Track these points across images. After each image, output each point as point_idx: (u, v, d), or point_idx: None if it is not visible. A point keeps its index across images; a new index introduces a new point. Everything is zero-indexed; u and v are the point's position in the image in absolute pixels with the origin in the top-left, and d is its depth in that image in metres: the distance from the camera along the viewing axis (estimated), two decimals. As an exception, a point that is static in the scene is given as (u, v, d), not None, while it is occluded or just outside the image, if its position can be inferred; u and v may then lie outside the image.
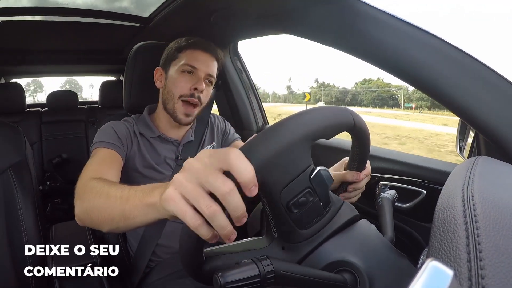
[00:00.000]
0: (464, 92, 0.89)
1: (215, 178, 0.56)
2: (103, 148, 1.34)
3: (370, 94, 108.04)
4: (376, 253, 0.74)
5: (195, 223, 0.58)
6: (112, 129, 1.43)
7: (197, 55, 1.47)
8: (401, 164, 1.36)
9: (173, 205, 0.60)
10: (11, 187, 1.46)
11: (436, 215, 0.57)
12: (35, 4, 2.01)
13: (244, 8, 1.52)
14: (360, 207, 1.42)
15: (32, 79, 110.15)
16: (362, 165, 1.00)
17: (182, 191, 0.59)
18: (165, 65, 1.54)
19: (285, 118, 0.69)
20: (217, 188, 0.56)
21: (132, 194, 0.82)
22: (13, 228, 1.43)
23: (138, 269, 1.47)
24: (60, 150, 3.52)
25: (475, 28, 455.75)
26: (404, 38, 0.93)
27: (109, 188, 0.94)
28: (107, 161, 1.29)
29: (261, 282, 0.58)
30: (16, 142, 1.56)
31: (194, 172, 0.59)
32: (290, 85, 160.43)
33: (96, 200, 0.95)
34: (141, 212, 0.77)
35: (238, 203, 0.57)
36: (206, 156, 0.59)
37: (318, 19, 1.14)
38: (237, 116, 2.38)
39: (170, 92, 1.48)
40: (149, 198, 0.74)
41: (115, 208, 0.86)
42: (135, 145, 1.48)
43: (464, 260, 0.42)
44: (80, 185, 1.11)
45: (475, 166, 0.72)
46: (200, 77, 1.46)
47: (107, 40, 2.95)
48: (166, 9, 1.91)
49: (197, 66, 1.45)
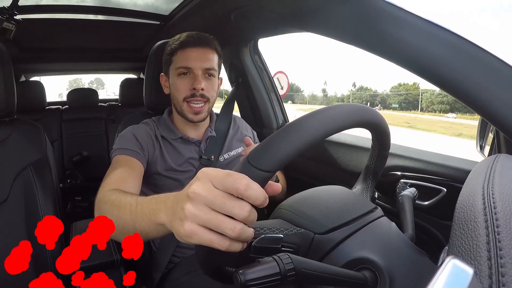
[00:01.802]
0: (485, 90, 0.88)
1: (231, 206, 0.56)
2: (122, 155, 1.36)
3: (397, 97, 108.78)
4: (396, 251, 0.74)
5: (225, 245, 0.57)
6: (132, 134, 1.44)
7: (188, 54, 1.47)
8: (421, 162, 1.36)
9: (197, 239, 0.58)
10: (31, 185, 1.48)
11: (456, 213, 0.57)
12: (56, 2, 2.03)
13: (264, 6, 1.52)
14: (381, 204, 1.42)
15: (94, 77, 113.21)
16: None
17: (200, 222, 0.57)
18: (166, 71, 1.56)
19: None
20: (237, 215, 0.56)
21: (140, 212, 0.82)
22: (33, 225, 1.44)
23: (161, 265, 1.47)
24: (80, 147, 3.53)
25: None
26: (424, 36, 0.93)
27: (119, 204, 0.95)
28: (127, 169, 1.30)
29: (281, 279, 0.58)
30: (36, 140, 1.58)
31: (206, 202, 0.57)
32: (325, 88, 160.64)
33: (110, 215, 0.92)
34: (152, 230, 0.78)
35: (255, 216, 0.58)
36: (213, 183, 0.58)
37: (338, 18, 1.14)
38: (257, 113, 2.38)
39: (174, 97, 1.51)
40: (156, 218, 0.74)
41: (128, 224, 0.87)
42: (158, 150, 1.48)
43: (485, 258, 0.42)
44: (99, 197, 1.12)
45: (495, 164, 0.71)
46: (197, 75, 1.46)
47: (128, 38, 2.96)
48: (186, 7, 1.91)
49: (191, 65, 1.45)
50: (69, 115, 3.69)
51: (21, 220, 1.45)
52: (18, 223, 1.44)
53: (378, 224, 0.80)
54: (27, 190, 1.48)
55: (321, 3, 1.18)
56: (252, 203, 0.56)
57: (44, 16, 2.20)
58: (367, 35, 1.06)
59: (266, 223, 0.77)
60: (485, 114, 0.91)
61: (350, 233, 0.75)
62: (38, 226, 0.66)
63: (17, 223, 1.44)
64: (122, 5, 2.18)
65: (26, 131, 1.58)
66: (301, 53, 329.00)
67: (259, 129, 2.32)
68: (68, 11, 2.16)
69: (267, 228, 0.72)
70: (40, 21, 2.27)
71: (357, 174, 1.04)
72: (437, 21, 0.91)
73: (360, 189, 0.99)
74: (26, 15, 2.03)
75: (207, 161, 1.54)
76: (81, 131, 3.66)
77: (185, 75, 1.46)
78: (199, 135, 1.60)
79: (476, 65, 0.89)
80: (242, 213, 0.55)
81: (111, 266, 1.42)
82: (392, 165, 1.43)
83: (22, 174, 1.48)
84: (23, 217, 1.45)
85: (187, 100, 1.47)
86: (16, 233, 1.44)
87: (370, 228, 0.78)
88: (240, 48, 2.23)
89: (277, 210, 0.85)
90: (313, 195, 0.88)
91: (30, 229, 1.45)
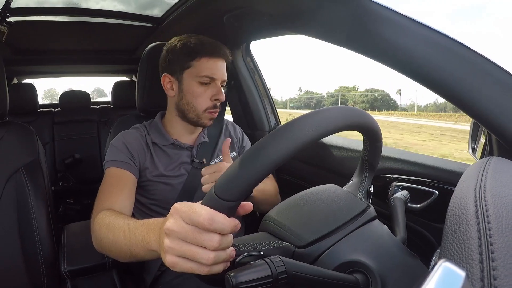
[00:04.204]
0: (477, 93, 0.88)
1: (201, 240, 0.63)
2: (115, 168, 1.37)
3: (330, 99, 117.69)
4: (388, 254, 0.74)
5: (205, 271, 0.64)
6: (123, 144, 1.43)
7: (214, 64, 1.41)
8: (413, 164, 1.36)
9: (179, 268, 0.65)
10: (23, 187, 1.47)
11: (448, 216, 0.56)
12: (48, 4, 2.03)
13: (257, 9, 1.52)
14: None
15: (94, 87, 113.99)
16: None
17: (178, 254, 0.65)
18: (175, 72, 1.45)
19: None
20: (208, 247, 0.62)
21: (133, 238, 0.91)
22: (25, 228, 1.44)
23: (153, 267, 1.47)
24: (72, 150, 3.53)
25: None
26: (417, 39, 0.93)
27: (113, 229, 1.02)
28: (119, 185, 1.32)
29: (273, 282, 0.58)
30: (28, 142, 1.57)
31: (180, 236, 0.64)
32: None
33: (107, 239, 1.04)
34: (147, 255, 0.87)
35: (229, 242, 0.65)
36: (183, 219, 0.64)
37: (331, 20, 1.14)
38: (250, 116, 2.37)
39: (191, 104, 1.44)
40: (149, 245, 0.83)
41: (124, 248, 0.95)
42: (148, 157, 1.47)
43: (477, 261, 0.42)
44: (94, 218, 1.17)
45: (487, 166, 0.71)
46: (219, 87, 1.44)
47: (120, 40, 2.96)
48: (179, 10, 1.92)
49: (216, 77, 1.42)
50: (61, 118, 3.68)
51: (13, 222, 1.44)
52: (10, 225, 1.44)
53: (370, 227, 0.80)
54: (19, 192, 1.47)
55: (313, 6, 1.18)
56: (221, 233, 0.63)
57: (37, 18, 2.20)
58: (360, 38, 1.06)
59: (250, 238, 0.77)
60: (477, 116, 0.91)
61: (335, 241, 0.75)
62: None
63: (9, 226, 1.44)
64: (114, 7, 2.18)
65: (18, 134, 1.57)
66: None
67: (252, 131, 2.33)
68: (61, 13, 2.16)
69: (249, 244, 0.73)
70: (32, 23, 2.26)
71: (350, 176, 1.04)
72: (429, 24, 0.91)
73: (356, 182, 0.98)
74: (18, 17, 2.02)
75: (199, 164, 1.52)
76: (73, 133, 3.65)
77: (207, 85, 1.42)
78: (191, 140, 1.58)
79: (468, 68, 0.89)
80: (212, 244, 0.62)
81: (103, 268, 1.41)
82: (384, 168, 1.43)
83: (14, 177, 1.47)
84: (15, 219, 1.44)
85: (209, 110, 1.45)
86: (8, 236, 1.43)
87: (362, 231, 0.78)
88: (232, 51, 2.21)
89: (263, 222, 0.86)
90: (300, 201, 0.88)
91: (22, 232, 1.45)
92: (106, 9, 2.17)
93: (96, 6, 2.13)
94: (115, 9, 2.18)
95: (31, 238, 1.45)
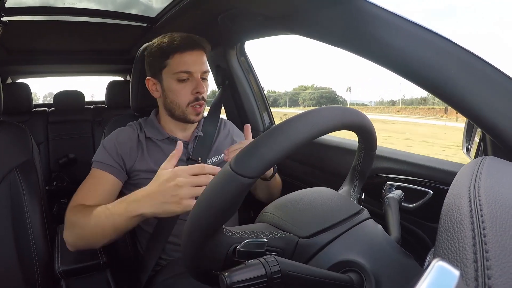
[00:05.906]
0: (471, 93, 0.89)
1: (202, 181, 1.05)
2: (98, 170, 1.40)
3: (285, 97, 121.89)
4: (382, 253, 0.74)
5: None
6: (114, 146, 1.44)
7: (187, 58, 1.43)
8: (407, 164, 1.36)
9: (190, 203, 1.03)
10: (17, 187, 1.47)
11: (443, 215, 0.57)
12: (42, 4, 2.02)
13: (251, 9, 1.52)
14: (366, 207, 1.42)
15: (92, 94, 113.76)
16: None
17: (193, 195, 1.03)
18: (155, 74, 1.50)
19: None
20: (204, 183, 1.04)
21: (115, 213, 1.13)
22: (19, 228, 1.44)
23: (147, 267, 1.45)
24: (66, 150, 3.53)
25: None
26: (412, 39, 0.93)
27: (93, 213, 1.18)
28: (98, 186, 1.38)
29: (267, 282, 0.58)
30: (22, 142, 1.57)
31: (193, 183, 1.05)
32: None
33: (88, 226, 1.18)
34: (129, 223, 1.13)
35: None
36: (183, 176, 1.05)
37: (326, 20, 1.14)
38: (244, 115, 2.38)
39: (174, 102, 1.47)
40: (135, 212, 1.09)
41: (107, 225, 1.14)
42: (139, 153, 1.47)
43: (471, 260, 0.42)
44: (68, 210, 1.29)
45: (481, 166, 0.72)
46: (198, 79, 1.44)
47: (114, 40, 2.95)
48: (173, 9, 1.91)
49: (192, 70, 1.43)
50: (56, 117, 3.68)
51: (7, 222, 1.44)
52: (4, 225, 1.43)
53: (364, 227, 0.80)
54: (13, 192, 1.46)
55: (307, 6, 1.18)
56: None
57: (31, 18, 2.19)
58: (355, 38, 1.06)
59: (251, 227, 0.77)
60: (472, 116, 0.92)
61: (335, 236, 0.75)
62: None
63: (3, 225, 1.43)
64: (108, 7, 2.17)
65: (12, 133, 1.57)
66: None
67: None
68: (55, 13, 2.15)
69: (251, 232, 0.72)
70: (26, 23, 2.25)
71: (345, 176, 1.04)
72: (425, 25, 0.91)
73: (347, 190, 0.99)
74: (12, 17, 2.01)
75: (195, 162, 1.49)
76: (67, 133, 3.64)
77: (185, 80, 1.44)
78: (186, 136, 1.59)
79: (463, 68, 0.89)
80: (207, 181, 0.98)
81: (97, 268, 1.41)
82: (378, 167, 1.43)
83: (8, 177, 1.47)
84: (9, 219, 1.44)
85: (192, 104, 1.46)
86: (2, 235, 1.42)
87: (356, 230, 0.78)
88: (226, 50, 2.22)
89: (262, 214, 0.85)
90: (298, 198, 0.88)
91: (16, 231, 1.44)
92: (100, 8, 2.16)
93: (89, 5, 2.12)
94: (109, 8, 2.18)
95: (25, 238, 1.45)
